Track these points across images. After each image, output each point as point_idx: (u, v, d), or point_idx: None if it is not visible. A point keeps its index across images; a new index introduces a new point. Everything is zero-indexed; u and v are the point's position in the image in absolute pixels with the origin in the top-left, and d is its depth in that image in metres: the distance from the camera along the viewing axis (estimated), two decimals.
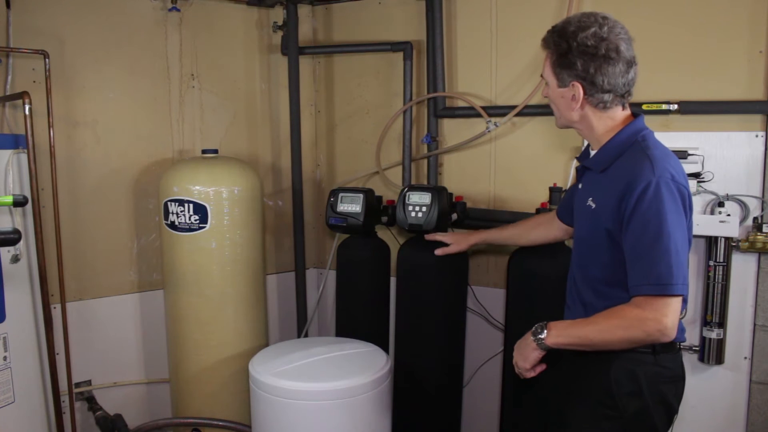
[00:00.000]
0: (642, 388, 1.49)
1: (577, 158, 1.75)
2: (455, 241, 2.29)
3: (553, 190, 2.33)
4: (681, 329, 1.52)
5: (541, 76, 1.63)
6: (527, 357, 1.56)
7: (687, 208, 1.45)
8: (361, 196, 2.53)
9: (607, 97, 1.52)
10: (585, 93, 1.52)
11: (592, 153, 1.62)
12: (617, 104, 1.54)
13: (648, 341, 1.42)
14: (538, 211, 2.29)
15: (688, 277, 1.41)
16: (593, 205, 1.55)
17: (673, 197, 1.40)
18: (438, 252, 2.29)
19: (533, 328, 1.55)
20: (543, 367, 1.58)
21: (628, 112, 1.58)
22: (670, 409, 1.53)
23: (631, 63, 1.52)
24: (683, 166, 1.51)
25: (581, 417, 1.56)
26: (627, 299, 1.44)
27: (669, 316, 1.37)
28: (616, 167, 1.51)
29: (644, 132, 1.54)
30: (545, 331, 1.52)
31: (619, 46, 1.49)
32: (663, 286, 1.36)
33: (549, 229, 2.06)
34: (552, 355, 1.56)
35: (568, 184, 2.41)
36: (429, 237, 2.35)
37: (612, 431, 1.51)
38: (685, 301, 1.43)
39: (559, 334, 1.50)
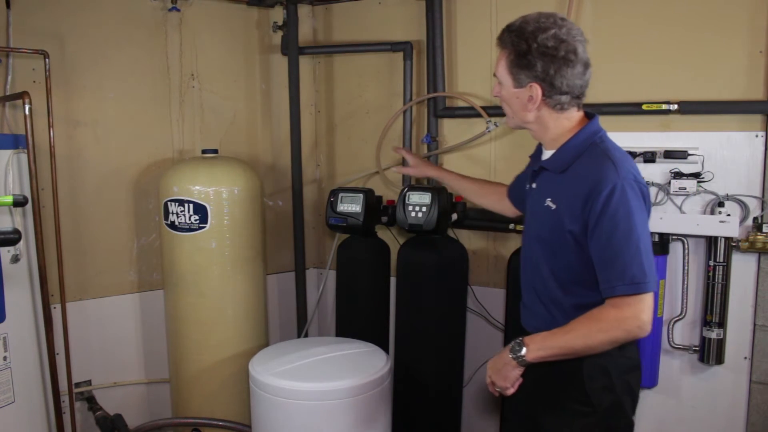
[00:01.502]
0: (613, 381, 1.52)
1: (530, 158, 1.74)
2: (415, 164, 2.24)
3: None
4: None
5: (494, 75, 1.60)
6: (507, 376, 1.54)
7: (647, 207, 1.49)
8: (361, 196, 2.53)
9: (564, 98, 1.51)
10: (543, 94, 1.50)
11: (546, 153, 1.61)
12: (573, 105, 1.53)
13: (628, 339, 1.44)
14: None
15: (654, 270, 1.43)
16: (553, 206, 1.54)
17: (638, 198, 1.43)
18: (395, 170, 2.28)
19: (510, 346, 1.53)
20: (521, 380, 1.56)
21: (582, 112, 1.57)
22: (635, 396, 1.58)
23: (587, 65, 1.51)
24: (685, 166, 1.51)
25: (556, 418, 1.56)
26: (592, 297, 1.46)
27: (645, 311, 1.39)
28: (576, 168, 1.51)
29: (601, 133, 1.54)
30: (524, 348, 1.50)
31: (577, 48, 1.48)
32: (638, 285, 1.39)
33: (499, 202, 2.04)
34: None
35: None
36: (395, 149, 2.37)
37: (588, 427, 1.52)
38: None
39: (539, 347, 1.49)
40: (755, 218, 2.16)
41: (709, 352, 2.23)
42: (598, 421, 1.52)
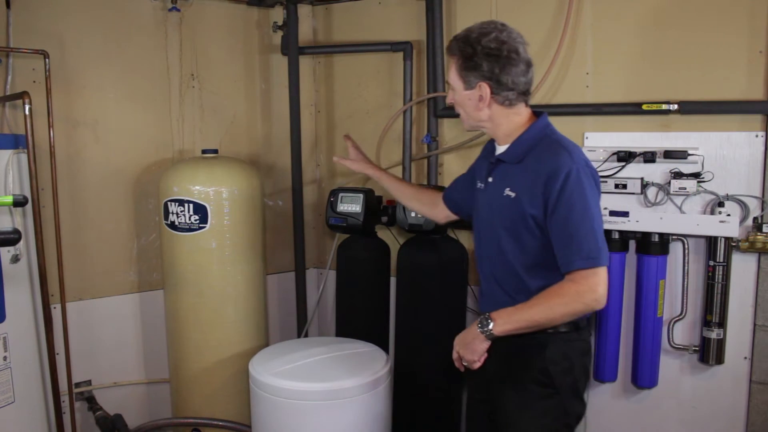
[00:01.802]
0: (573, 363, 1.64)
1: (483, 154, 1.85)
2: (355, 159, 2.25)
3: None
4: None
5: (447, 82, 1.70)
6: (476, 349, 1.65)
7: (598, 190, 1.63)
8: (361, 196, 2.53)
9: (511, 95, 1.63)
10: (492, 92, 1.63)
11: (500, 148, 1.72)
12: (521, 101, 1.66)
13: (586, 311, 1.56)
14: None
15: (606, 246, 1.55)
16: (512, 195, 1.64)
17: (590, 181, 1.57)
18: (335, 159, 2.28)
19: (478, 321, 1.63)
20: (486, 355, 1.66)
21: (530, 110, 1.70)
22: (588, 378, 1.73)
23: (529, 63, 1.65)
24: (685, 166, 1.53)
25: (518, 401, 1.65)
26: (555, 278, 1.56)
27: (601, 285, 1.52)
28: (532, 158, 1.63)
29: (551, 127, 1.69)
30: (491, 322, 1.60)
31: (518, 48, 1.62)
32: (593, 260, 1.51)
33: (431, 208, 2.08)
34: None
35: None
36: (345, 137, 2.30)
37: (550, 409, 1.63)
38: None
39: (506, 321, 1.59)
40: (755, 218, 2.16)
41: (709, 352, 2.23)
42: (558, 403, 1.63)
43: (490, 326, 1.60)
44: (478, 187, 1.81)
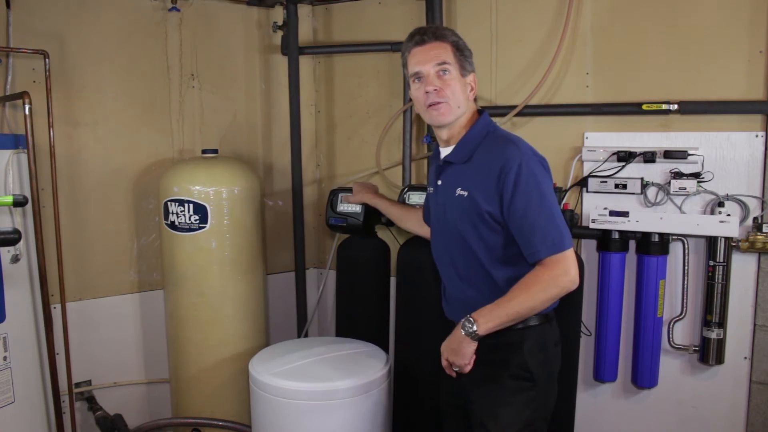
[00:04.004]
0: (548, 354, 1.68)
1: (431, 159, 1.90)
2: (356, 192, 2.41)
3: (553, 190, 2.33)
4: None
5: (444, 63, 1.67)
6: (464, 353, 1.65)
7: (550, 176, 1.66)
8: None
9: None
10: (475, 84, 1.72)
11: (445, 150, 1.75)
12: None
13: (562, 294, 1.58)
14: None
15: (567, 229, 1.58)
16: (465, 194, 1.66)
17: (540, 169, 1.60)
18: (344, 197, 2.45)
19: (461, 325, 1.63)
20: (475, 356, 1.66)
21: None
22: (559, 364, 1.75)
23: None
24: (685, 166, 1.53)
25: (497, 397, 1.66)
26: (522, 268, 1.59)
27: (572, 266, 1.55)
28: (480, 155, 1.65)
29: (493, 123, 1.73)
30: (474, 324, 1.60)
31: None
32: (558, 245, 1.55)
33: (420, 227, 2.17)
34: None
35: (569, 184, 2.42)
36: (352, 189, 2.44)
37: (530, 401, 1.64)
38: None
39: (489, 319, 1.60)
40: (755, 218, 2.16)
41: (709, 352, 2.23)
42: (538, 394, 1.65)
43: (474, 327, 1.60)
44: (429, 191, 1.85)
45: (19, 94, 2.17)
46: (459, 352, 1.65)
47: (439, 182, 1.76)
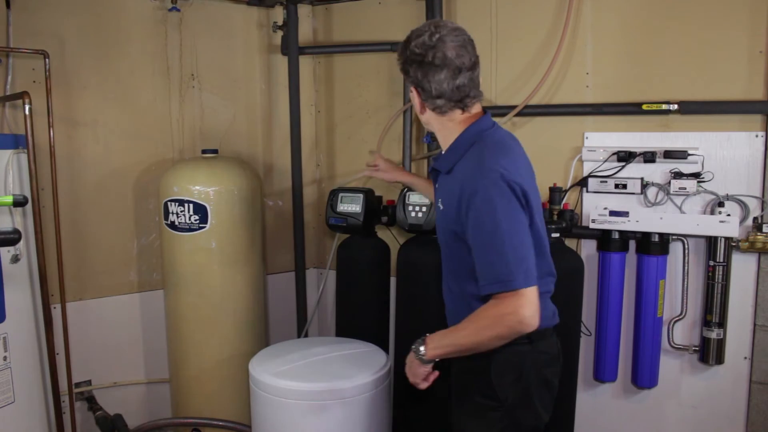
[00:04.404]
0: (522, 374, 1.55)
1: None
2: (387, 169, 2.29)
3: (553, 190, 2.34)
4: (550, 315, 1.61)
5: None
6: (416, 373, 1.62)
7: (524, 200, 1.47)
8: (361, 196, 2.53)
9: (440, 102, 1.55)
10: (420, 98, 1.58)
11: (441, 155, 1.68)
12: (456, 108, 1.57)
13: (514, 334, 1.45)
14: None
15: (532, 265, 1.44)
16: (441, 207, 1.61)
17: (503, 195, 1.43)
18: (366, 173, 2.33)
19: (414, 345, 1.59)
20: (435, 374, 1.62)
21: (470, 113, 1.60)
22: (552, 388, 1.62)
23: (460, 69, 1.52)
24: (685, 166, 1.50)
25: (466, 414, 1.62)
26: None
27: (525, 307, 1.40)
28: (459, 169, 1.55)
29: (487, 131, 1.58)
30: (423, 347, 1.57)
31: (446, 53, 1.50)
32: (504, 283, 1.41)
33: None
34: (442, 362, 1.60)
35: (569, 184, 2.41)
36: (372, 152, 2.30)
37: (496, 420, 1.56)
38: (551, 284, 1.60)
39: (435, 346, 1.55)
40: (755, 218, 2.16)
41: (709, 352, 2.23)
42: (504, 415, 1.56)
43: (423, 351, 1.56)
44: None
45: (19, 94, 2.17)
46: (411, 371, 1.63)
47: (437, 185, 1.72)
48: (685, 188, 2.19)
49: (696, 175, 2.18)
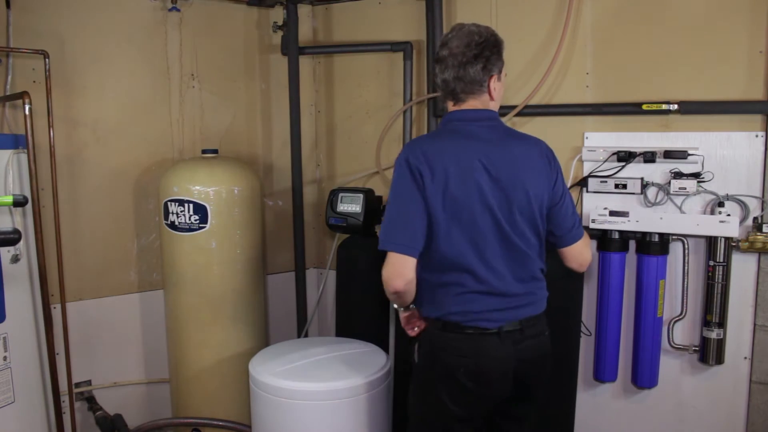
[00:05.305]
0: (432, 358, 1.73)
1: None
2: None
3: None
4: (459, 311, 1.68)
5: None
6: (401, 320, 1.84)
7: (420, 178, 1.64)
8: (361, 196, 2.53)
9: (442, 95, 1.77)
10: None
11: None
12: (449, 100, 1.76)
13: (389, 290, 1.66)
14: None
15: (406, 234, 1.63)
16: None
17: (402, 174, 1.65)
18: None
19: None
20: (423, 325, 1.77)
21: (458, 106, 1.75)
22: (461, 386, 1.68)
23: (440, 60, 1.71)
24: (685, 166, 1.48)
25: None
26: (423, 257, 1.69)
27: (387, 267, 1.64)
28: None
29: (447, 126, 1.75)
30: None
31: (440, 51, 1.71)
32: (382, 242, 1.65)
33: None
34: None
35: (569, 184, 2.41)
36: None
37: (411, 392, 1.82)
38: (467, 281, 1.67)
39: None
40: (755, 218, 2.16)
41: (709, 352, 2.23)
42: (416, 388, 1.81)
43: None
44: None
45: (19, 94, 2.17)
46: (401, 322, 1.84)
47: None
48: (685, 188, 2.19)
49: (696, 175, 2.18)
